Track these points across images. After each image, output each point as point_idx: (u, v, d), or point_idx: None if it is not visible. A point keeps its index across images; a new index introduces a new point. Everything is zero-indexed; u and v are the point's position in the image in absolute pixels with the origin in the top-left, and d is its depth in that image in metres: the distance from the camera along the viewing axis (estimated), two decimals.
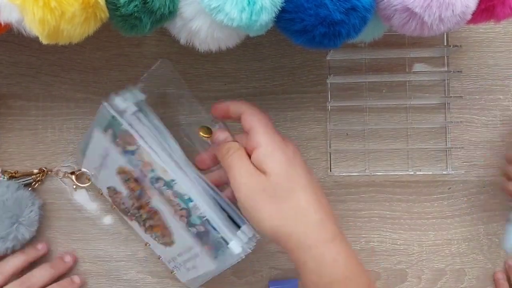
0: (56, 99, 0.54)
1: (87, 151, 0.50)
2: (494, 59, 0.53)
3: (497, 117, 0.54)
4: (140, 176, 0.47)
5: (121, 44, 0.53)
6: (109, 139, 0.47)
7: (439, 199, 0.54)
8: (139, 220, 0.50)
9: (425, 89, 0.54)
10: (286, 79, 0.54)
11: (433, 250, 0.54)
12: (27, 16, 0.36)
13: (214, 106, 0.46)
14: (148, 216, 0.49)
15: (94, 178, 0.52)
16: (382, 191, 0.54)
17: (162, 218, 0.48)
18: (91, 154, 0.50)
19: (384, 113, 0.54)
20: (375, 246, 0.54)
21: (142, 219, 0.50)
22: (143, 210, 0.49)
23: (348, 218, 0.54)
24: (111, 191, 0.51)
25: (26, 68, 0.54)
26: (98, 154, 0.49)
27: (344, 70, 0.54)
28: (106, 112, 0.46)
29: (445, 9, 0.39)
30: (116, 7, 0.37)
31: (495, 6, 0.41)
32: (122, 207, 0.51)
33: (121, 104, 0.47)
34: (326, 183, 0.54)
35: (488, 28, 0.53)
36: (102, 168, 0.50)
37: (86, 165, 0.52)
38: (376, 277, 0.54)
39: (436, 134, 0.54)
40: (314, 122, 0.54)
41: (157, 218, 0.48)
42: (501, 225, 0.54)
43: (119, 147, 0.47)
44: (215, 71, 0.54)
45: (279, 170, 0.41)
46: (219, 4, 0.38)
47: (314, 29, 0.39)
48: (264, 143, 0.42)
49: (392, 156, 0.54)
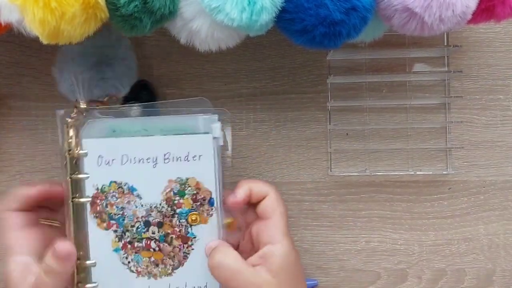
0: (56, 99, 0.54)
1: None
2: (494, 59, 0.53)
3: (497, 117, 0.54)
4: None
5: None
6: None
7: (439, 199, 0.54)
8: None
9: (425, 89, 0.54)
10: (286, 79, 0.54)
11: (434, 250, 0.54)
12: (27, 16, 0.36)
13: (232, 201, 0.44)
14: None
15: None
16: (382, 191, 0.54)
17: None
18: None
19: (384, 113, 0.54)
20: (375, 246, 0.54)
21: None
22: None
23: (348, 218, 0.54)
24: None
25: (26, 68, 0.53)
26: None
27: (344, 70, 0.53)
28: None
29: (446, 9, 0.39)
30: (116, 8, 0.38)
31: (495, 6, 0.41)
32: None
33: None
34: (326, 183, 0.54)
35: (488, 28, 0.53)
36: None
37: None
38: (376, 277, 0.54)
39: (436, 134, 0.54)
40: (314, 122, 0.54)
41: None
42: (501, 225, 0.54)
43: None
44: (215, 71, 0.54)
45: (292, 277, 0.41)
46: (219, 4, 0.38)
47: (314, 29, 0.39)
48: (281, 244, 0.41)
49: (392, 156, 0.54)
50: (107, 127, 0.44)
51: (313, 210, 0.54)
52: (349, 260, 0.54)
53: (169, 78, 0.54)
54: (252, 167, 0.54)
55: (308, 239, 0.54)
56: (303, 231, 0.54)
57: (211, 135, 0.44)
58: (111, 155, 0.43)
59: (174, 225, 0.44)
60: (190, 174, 0.44)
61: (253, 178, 0.53)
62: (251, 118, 0.54)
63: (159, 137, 0.44)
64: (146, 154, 0.44)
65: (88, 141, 0.43)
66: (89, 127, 0.44)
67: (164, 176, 0.44)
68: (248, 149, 0.54)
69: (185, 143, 0.44)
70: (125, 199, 0.44)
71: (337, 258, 0.54)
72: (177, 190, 0.44)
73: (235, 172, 0.54)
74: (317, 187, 0.54)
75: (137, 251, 0.44)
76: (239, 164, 0.54)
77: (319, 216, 0.54)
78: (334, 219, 0.54)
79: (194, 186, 0.44)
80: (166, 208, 0.44)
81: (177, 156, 0.44)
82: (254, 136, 0.54)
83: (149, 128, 0.44)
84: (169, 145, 0.44)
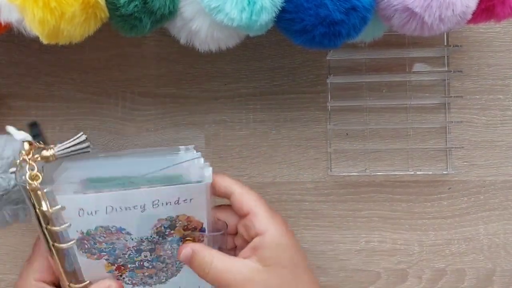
0: (56, 99, 0.54)
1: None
2: (494, 59, 0.53)
3: (497, 117, 0.54)
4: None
5: (121, 44, 0.53)
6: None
7: (439, 199, 0.54)
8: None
9: (425, 89, 0.54)
10: (286, 79, 0.54)
11: (434, 250, 0.54)
12: (27, 16, 0.36)
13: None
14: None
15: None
16: (382, 191, 0.54)
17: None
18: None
19: (384, 113, 0.54)
20: (375, 246, 0.54)
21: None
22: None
23: (348, 218, 0.54)
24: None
25: (26, 68, 0.53)
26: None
27: (344, 70, 0.53)
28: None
29: (446, 9, 0.39)
30: (116, 7, 0.38)
31: (495, 6, 0.41)
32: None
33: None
34: (326, 183, 0.54)
35: (488, 28, 0.53)
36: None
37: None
38: (376, 277, 0.54)
39: (436, 134, 0.54)
40: (314, 122, 0.54)
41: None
42: (501, 225, 0.54)
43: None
44: (215, 71, 0.54)
45: (288, 263, 0.40)
46: (219, 4, 0.38)
47: (314, 29, 0.39)
48: (268, 233, 0.41)
49: (392, 156, 0.54)
50: (84, 178, 0.40)
51: (313, 210, 0.54)
52: (349, 260, 0.54)
53: (169, 78, 0.54)
54: (252, 167, 0.54)
55: (308, 239, 0.54)
56: (303, 231, 0.54)
57: (204, 183, 0.41)
58: (93, 207, 0.40)
59: (166, 249, 0.43)
60: (181, 213, 0.42)
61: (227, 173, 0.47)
62: (251, 118, 0.54)
63: (146, 189, 0.40)
64: (133, 204, 0.40)
65: (64, 197, 0.39)
66: (62, 181, 0.40)
67: (153, 217, 0.41)
68: (248, 149, 0.54)
69: (176, 192, 0.40)
70: (113, 237, 0.41)
71: (337, 258, 0.54)
72: (167, 225, 0.42)
73: (235, 172, 0.54)
74: (317, 187, 0.54)
75: (131, 270, 0.43)
76: (239, 164, 0.54)
77: (319, 216, 0.54)
78: (334, 219, 0.54)
79: (185, 220, 0.42)
80: (158, 239, 0.42)
81: (166, 202, 0.40)
82: (254, 136, 0.54)
83: (134, 179, 0.40)
84: (158, 195, 0.40)
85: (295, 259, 0.41)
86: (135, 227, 0.41)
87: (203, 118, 0.54)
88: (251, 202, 0.42)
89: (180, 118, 0.54)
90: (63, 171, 0.41)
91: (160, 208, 0.40)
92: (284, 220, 0.43)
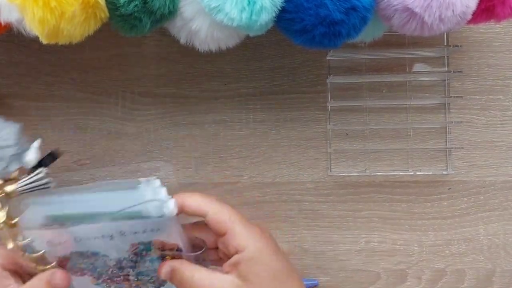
0: (56, 99, 0.54)
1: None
2: (494, 59, 0.53)
3: (497, 117, 0.54)
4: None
5: (121, 44, 0.53)
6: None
7: (439, 199, 0.54)
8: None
9: (425, 89, 0.54)
10: (286, 79, 0.54)
11: (433, 250, 0.54)
12: (27, 15, 0.36)
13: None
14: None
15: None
16: (382, 191, 0.54)
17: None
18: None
19: (384, 113, 0.54)
20: (375, 246, 0.54)
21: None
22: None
23: (348, 218, 0.54)
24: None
25: (26, 68, 0.54)
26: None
27: (344, 70, 0.53)
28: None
29: (446, 9, 0.39)
30: (116, 7, 0.38)
31: (495, 6, 0.41)
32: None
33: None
34: (326, 183, 0.54)
35: (488, 28, 0.53)
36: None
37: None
38: (376, 277, 0.54)
39: (436, 134, 0.54)
40: (314, 122, 0.54)
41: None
42: (501, 225, 0.54)
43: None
44: (215, 71, 0.54)
45: (267, 275, 0.40)
46: (219, 4, 0.38)
47: (314, 29, 0.39)
48: (247, 249, 0.40)
49: (392, 156, 0.54)
50: (47, 213, 0.40)
51: (313, 210, 0.54)
52: (349, 260, 0.54)
53: (169, 78, 0.54)
54: (252, 167, 0.54)
55: (308, 239, 0.54)
56: (303, 231, 0.54)
57: (166, 217, 0.40)
58: (61, 238, 0.40)
59: (147, 266, 0.43)
60: (153, 238, 0.41)
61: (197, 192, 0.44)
62: (251, 118, 0.54)
63: (110, 223, 0.40)
64: (100, 234, 0.40)
65: (31, 232, 0.40)
66: (26, 217, 0.40)
67: (125, 243, 0.41)
68: (248, 149, 0.54)
69: (140, 225, 0.40)
70: (91, 259, 0.41)
71: (337, 258, 0.54)
72: (143, 248, 0.42)
73: (235, 172, 0.54)
74: (317, 187, 0.54)
75: (118, 282, 0.43)
76: (239, 164, 0.54)
77: (319, 216, 0.54)
78: (334, 219, 0.54)
79: (159, 243, 0.42)
80: (136, 258, 0.42)
81: (134, 232, 0.40)
82: (253, 136, 0.54)
83: (96, 216, 0.40)
84: (123, 227, 0.40)
85: (275, 270, 0.41)
86: (110, 250, 0.41)
87: (203, 118, 0.54)
88: (226, 222, 0.41)
89: (180, 118, 0.54)
90: (26, 207, 0.41)
91: (129, 236, 0.40)
92: (262, 230, 0.42)
